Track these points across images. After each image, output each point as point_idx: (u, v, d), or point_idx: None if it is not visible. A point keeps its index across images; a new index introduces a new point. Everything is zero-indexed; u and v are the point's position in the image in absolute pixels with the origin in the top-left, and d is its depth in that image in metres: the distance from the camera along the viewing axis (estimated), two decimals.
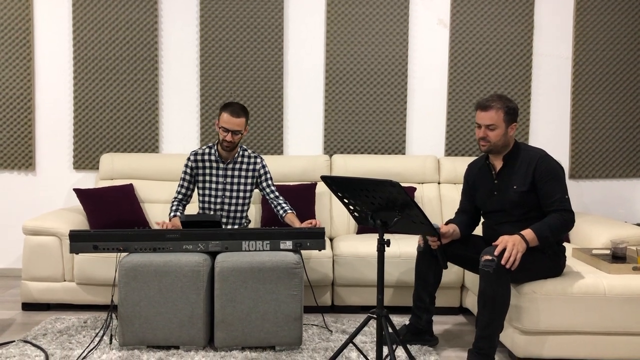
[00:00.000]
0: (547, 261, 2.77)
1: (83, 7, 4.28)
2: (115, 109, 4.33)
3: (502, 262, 2.55)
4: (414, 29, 4.37)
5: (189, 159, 3.42)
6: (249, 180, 3.42)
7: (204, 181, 3.40)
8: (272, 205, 3.41)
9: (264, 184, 3.43)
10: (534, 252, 2.68)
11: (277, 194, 3.43)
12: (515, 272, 2.60)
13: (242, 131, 3.29)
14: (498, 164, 2.90)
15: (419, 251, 2.97)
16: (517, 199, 2.80)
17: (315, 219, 3.30)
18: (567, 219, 2.71)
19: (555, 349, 2.77)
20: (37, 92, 4.36)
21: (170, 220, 3.34)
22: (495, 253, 2.57)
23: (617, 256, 3.00)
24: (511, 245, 2.57)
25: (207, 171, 3.40)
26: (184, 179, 3.44)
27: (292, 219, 3.27)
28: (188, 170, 3.42)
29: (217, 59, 4.32)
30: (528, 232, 2.64)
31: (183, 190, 3.45)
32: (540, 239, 2.64)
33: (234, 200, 3.40)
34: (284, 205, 3.36)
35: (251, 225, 3.68)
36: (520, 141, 3.03)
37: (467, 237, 2.99)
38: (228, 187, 3.39)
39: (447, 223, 3.00)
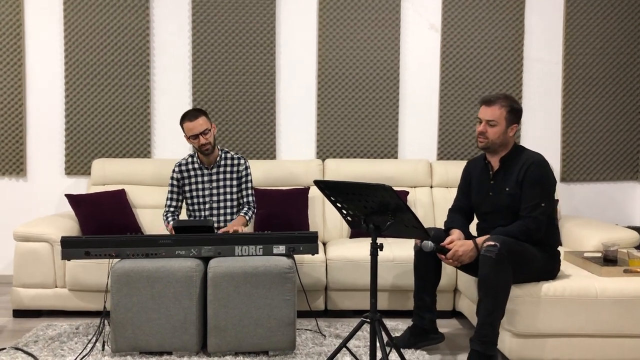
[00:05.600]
0: (543, 261, 2.78)
1: (74, 12, 4.26)
2: (107, 114, 4.31)
3: (447, 256, 2.75)
4: (405, 33, 4.39)
5: (174, 170, 3.47)
6: (234, 182, 3.45)
7: (190, 190, 3.44)
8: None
9: (242, 186, 3.47)
10: (532, 249, 2.72)
11: (249, 198, 3.48)
12: (514, 262, 2.62)
13: (210, 128, 3.33)
14: (495, 164, 2.91)
15: (416, 250, 2.97)
16: (509, 201, 2.81)
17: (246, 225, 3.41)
18: (531, 228, 2.73)
19: (548, 352, 2.78)
20: (28, 97, 4.34)
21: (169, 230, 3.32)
22: (447, 256, 2.76)
23: (608, 259, 3.01)
24: (461, 252, 2.74)
25: (193, 179, 3.43)
26: (172, 192, 3.47)
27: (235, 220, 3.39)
28: (175, 182, 3.46)
29: (209, 64, 4.32)
30: (482, 240, 2.73)
31: (174, 203, 3.47)
32: None
33: (222, 204, 3.42)
34: (245, 208, 3.45)
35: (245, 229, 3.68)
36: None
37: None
38: (215, 191, 3.41)
39: (448, 228, 2.99)
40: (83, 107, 4.30)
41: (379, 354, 2.50)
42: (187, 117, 3.32)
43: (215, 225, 3.40)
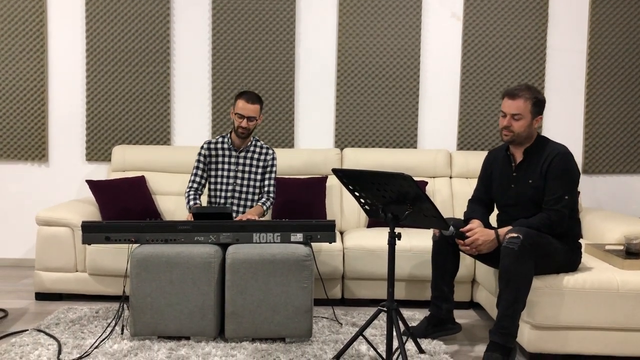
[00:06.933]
0: (565, 254, 2.75)
1: (95, 0, 4.30)
2: (128, 101, 4.34)
3: (466, 242, 2.74)
4: (426, 21, 4.35)
5: (202, 147, 3.48)
6: (260, 170, 3.46)
7: (216, 169, 3.45)
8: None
9: (266, 175, 3.48)
10: (554, 242, 2.68)
11: (269, 188, 3.48)
12: (536, 255, 2.60)
13: (257, 118, 3.38)
14: (518, 156, 2.87)
15: (435, 240, 2.95)
16: (532, 194, 2.77)
17: (243, 214, 3.38)
18: (554, 220, 2.69)
19: (568, 345, 2.75)
20: (50, 84, 4.39)
21: (190, 210, 3.35)
22: (467, 242, 2.75)
23: (630, 252, 2.97)
24: (481, 241, 2.72)
25: (220, 159, 3.45)
26: (197, 167, 3.48)
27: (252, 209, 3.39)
28: (202, 159, 3.47)
29: (229, 51, 4.32)
30: (504, 231, 2.70)
31: (197, 179, 3.48)
32: None
33: (244, 189, 3.44)
34: (263, 198, 3.45)
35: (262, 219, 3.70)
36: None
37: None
38: (239, 174, 3.43)
39: (468, 218, 2.97)
40: (104, 94, 4.34)
41: (395, 343, 2.50)
42: (245, 96, 3.36)
43: (234, 208, 3.42)
